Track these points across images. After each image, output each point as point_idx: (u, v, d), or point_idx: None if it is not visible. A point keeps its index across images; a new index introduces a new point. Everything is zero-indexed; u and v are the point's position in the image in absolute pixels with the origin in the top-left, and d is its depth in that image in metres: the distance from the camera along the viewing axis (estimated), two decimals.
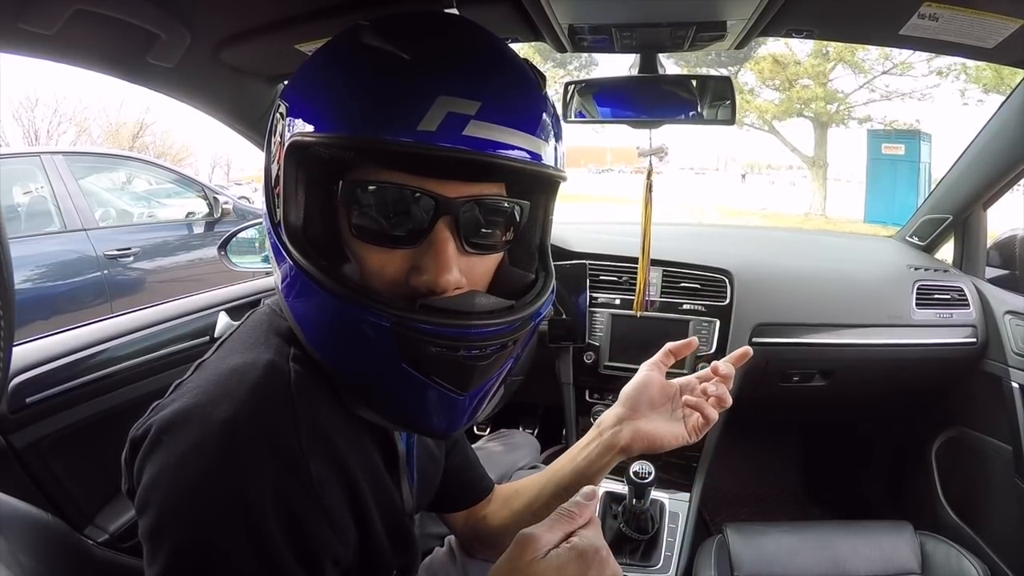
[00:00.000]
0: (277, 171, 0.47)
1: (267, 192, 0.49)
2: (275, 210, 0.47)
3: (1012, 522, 1.22)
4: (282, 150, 0.46)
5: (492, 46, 0.48)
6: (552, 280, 0.54)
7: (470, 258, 0.47)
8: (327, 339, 0.46)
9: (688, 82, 1.02)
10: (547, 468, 0.72)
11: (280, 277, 0.48)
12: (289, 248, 0.45)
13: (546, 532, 0.45)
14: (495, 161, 0.43)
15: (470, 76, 0.43)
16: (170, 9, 0.74)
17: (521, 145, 0.44)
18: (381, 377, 0.45)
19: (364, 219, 0.45)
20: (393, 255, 0.45)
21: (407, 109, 0.41)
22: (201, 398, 0.44)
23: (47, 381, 0.92)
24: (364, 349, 0.44)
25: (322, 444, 0.45)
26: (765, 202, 12.58)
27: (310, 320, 0.46)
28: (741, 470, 1.82)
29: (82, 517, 0.98)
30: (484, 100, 0.42)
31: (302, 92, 0.47)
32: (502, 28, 0.87)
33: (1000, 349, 1.27)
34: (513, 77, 0.46)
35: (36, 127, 12.12)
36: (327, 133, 0.43)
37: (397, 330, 0.42)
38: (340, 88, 0.44)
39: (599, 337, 1.33)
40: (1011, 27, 0.79)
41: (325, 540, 0.45)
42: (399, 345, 0.43)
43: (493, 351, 0.46)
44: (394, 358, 0.43)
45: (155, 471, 0.42)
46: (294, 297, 0.47)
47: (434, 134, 0.41)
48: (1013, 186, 1.30)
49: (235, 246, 1.30)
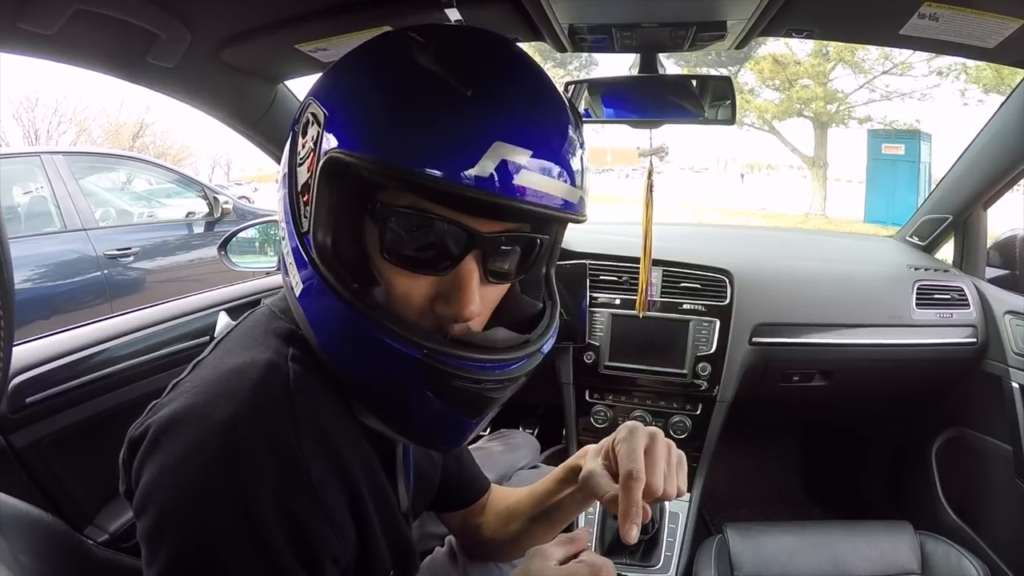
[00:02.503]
0: (308, 179, 0.46)
1: (291, 196, 0.48)
2: (301, 218, 0.46)
3: (1012, 522, 1.22)
4: (316, 160, 0.44)
5: (542, 84, 0.47)
6: (557, 309, 0.56)
7: (487, 287, 0.48)
8: (344, 353, 0.46)
9: (688, 82, 1.02)
10: (533, 492, 0.72)
11: (298, 283, 0.47)
12: (317, 263, 0.45)
13: (554, 549, 0.53)
14: (538, 211, 0.43)
15: (525, 122, 0.43)
16: (170, 9, 0.74)
17: (564, 196, 0.45)
18: (398, 397, 0.46)
19: (398, 243, 0.45)
20: (420, 281, 0.46)
21: (462, 150, 0.41)
22: (200, 398, 0.44)
23: (47, 381, 0.92)
24: (387, 372, 0.45)
25: (321, 444, 0.45)
26: (765, 202, 12.57)
27: (328, 331, 0.46)
28: (741, 470, 1.82)
29: (82, 517, 0.98)
30: (535, 149, 0.42)
31: (343, 104, 0.45)
32: (502, 28, 0.87)
33: (1000, 349, 1.27)
34: (559, 124, 0.46)
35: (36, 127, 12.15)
36: (373, 158, 0.42)
37: (427, 362, 0.43)
38: (390, 112, 0.43)
39: (599, 337, 1.33)
40: (1011, 27, 0.79)
41: (325, 540, 0.45)
42: (426, 376, 0.44)
43: (508, 384, 0.48)
44: (418, 386, 0.45)
45: (154, 472, 0.42)
46: (313, 307, 0.46)
47: (486, 180, 0.41)
48: (1013, 186, 1.30)
49: (235, 246, 1.31)
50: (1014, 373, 1.23)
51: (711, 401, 1.30)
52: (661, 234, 1.25)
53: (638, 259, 1.27)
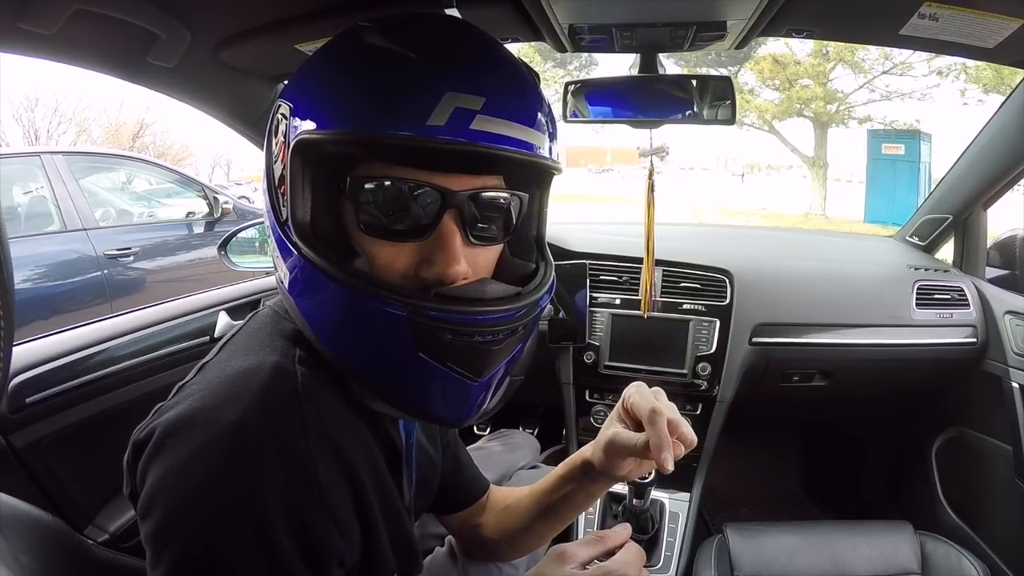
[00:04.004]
0: (282, 171, 0.47)
1: (270, 192, 0.49)
2: (280, 209, 0.48)
3: (1012, 522, 1.22)
4: (286, 149, 0.46)
5: (491, 45, 0.49)
6: (552, 268, 0.55)
7: (475, 249, 0.48)
8: (338, 333, 0.46)
9: (688, 82, 1.02)
10: (535, 491, 0.72)
11: (286, 275, 0.48)
12: (299, 244, 0.45)
13: (579, 548, 0.54)
14: (499, 153, 0.44)
15: (474, 72, 0.45)
16: (170, 9, 0.74)
17: (522, 138, 0.45)
18: (396, 367, 0.46)
19: (372, 214, 0.46)
20: (402, 249, 0.46)
21: (416, 104, 0.42)
22: (207, 401, 0.44)
23: (47, 381, 0.92)
24: (378, 340, 0.45)
25: (329, 446, 0.45)
26: (765, 202, 12.58)
27: (320, 316, 0.46)
28: (741, 470, 1.82)
29: (82, 517, 0.98)
30: (488, 96, 0.43)
31: (306, 91, 0.47)
32: (502, 28, 0.87)
33: (1000, 349, 1.27)
34: (512, 74, 0.48)
35: (36, 127, 12.15)
36: (336, 130, 0.44)
37: (412, 319, 0.43)
38: (347, 86, 0.45)
39: (599, 337, 1.33)
40: (1011, 27, 0.79)
41: (332, 542, 0.45)
42: (415, 333, 0.44)
43: (505, 336, 0.47)
44: (410, 347, 0.44)
45: (159, 474, 0.42)
46: (302, 295, 0.47)
47: (443, 128, 0.42)
48: (1013, 186, 1.30)
49: (235, 246, 1.31)
50: (1014, 373, 1.23)
51: (711, 401, 1.30)
52: (661, 234, 1.26)
53: (638, 259, 1.27)
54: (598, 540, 0.56)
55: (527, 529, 0.72)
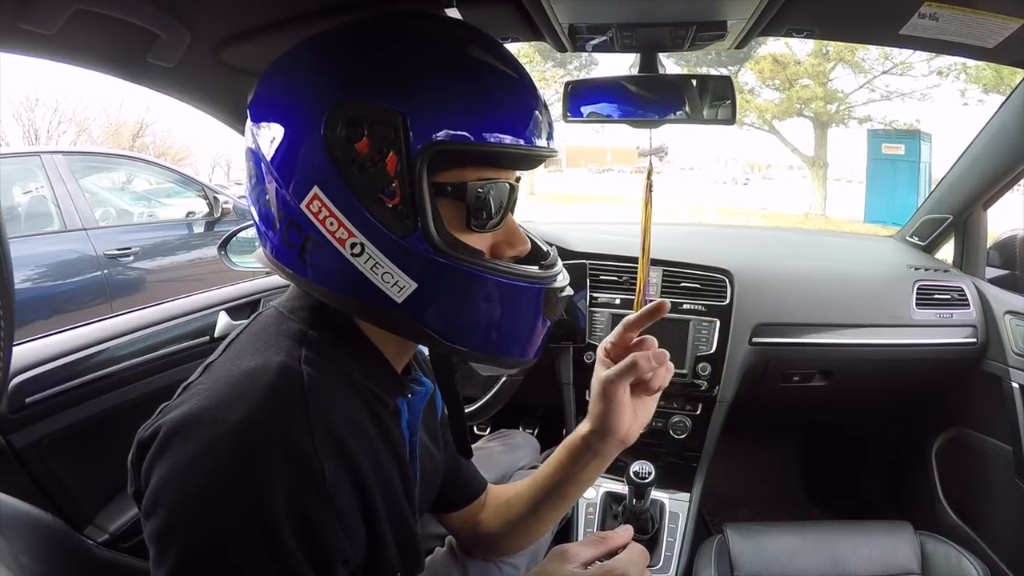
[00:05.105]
0: (395, 184, 0.45)
1: (367, 203, 0.46)
2: (394, 222, 0.46)
3: (1012, 522, 1.22)
4: (403, 160, 0.45)
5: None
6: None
7: None
8: (477, 323, 0.50)
9: (688, 82, 1.02)
10: (536, 478, 0.72)
11: (405, 285, 0.47)
12: (444, 252, 0.47)
13: (580, 548, 0.55)
14: (555, 155, 0.54)
15: (536, 94, 0.52)
16: (170, 9, 0.74)
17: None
18: (523, 333, 0.53)
19: (483, 212, 0.50)
20: (485, 237, 0.52)
21: (536, 121, 0.50)
22: (213, 400, 0.44)
23: (47, 381, 0.92)
24: (518, 315, 0.52)
25: (335, 446, 0.45)
26: (765, 202, 12.58)
27: (456, 315, 0.49)
28: (741, 470, 1.82)
29: (82, 517, 0.98)
30: (543, 113, 0.52)
31: (426, 101, 0.46)
32: (502, 28, 0.87)
33: (1000, 349, 1.27)
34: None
35: (36, 127, 12.13)
36: (493, 143, 0.48)
37: (546, 289, 0.52)
38: (482, 100, 0.48)
39: (599, 337, 1.33)
40: (1011, 27, 0.79)
41: (337, 542, 0.45)
42: (545, 301, 0.52)
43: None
44: (537, 312, 0.52)
45: (164, 473, 0.42)
46: (431, 302, 0.48)
47: (548, 141, 0.52)
48: (1013, 186, 1.30)
49: (235, 245, 1.30)
50: (1014, 373, 1.23)
51: (711, 401, 1.30)
52: (661, 234, 1.26)
53: (638, 259, 1.28)
54: (600, 540, 0.56)
55: (531, 514, 0.71)
